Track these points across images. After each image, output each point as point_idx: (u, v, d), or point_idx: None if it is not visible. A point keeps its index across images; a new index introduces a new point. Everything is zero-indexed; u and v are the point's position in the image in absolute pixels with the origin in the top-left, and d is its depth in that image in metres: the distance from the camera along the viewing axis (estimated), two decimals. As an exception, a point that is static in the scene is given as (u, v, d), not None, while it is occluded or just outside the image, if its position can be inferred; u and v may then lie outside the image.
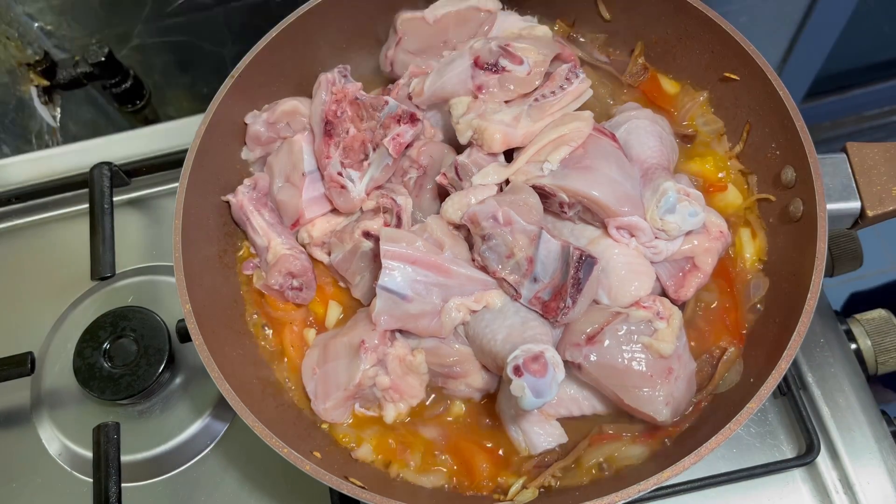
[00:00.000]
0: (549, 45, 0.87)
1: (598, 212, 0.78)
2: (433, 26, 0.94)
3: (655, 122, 0.87)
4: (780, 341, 0.73)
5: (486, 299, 0.78)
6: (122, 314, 1.00)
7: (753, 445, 0.92)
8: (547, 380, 0.68)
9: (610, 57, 0.99)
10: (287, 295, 0.88)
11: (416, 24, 0.95)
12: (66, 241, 1.13)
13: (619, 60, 0.99)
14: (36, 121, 1.37)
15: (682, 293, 0.82)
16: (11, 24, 1.34)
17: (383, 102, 0.85)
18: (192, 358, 1.01)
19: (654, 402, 0.74)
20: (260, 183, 0.92)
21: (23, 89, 1.35)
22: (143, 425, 0.98)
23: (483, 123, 0.82)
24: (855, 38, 2.00)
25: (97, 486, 0.86)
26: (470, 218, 0.78)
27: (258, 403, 0.78)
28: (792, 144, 0.81)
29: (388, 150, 0.84)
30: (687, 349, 0.78)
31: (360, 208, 0.88)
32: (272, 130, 0.93)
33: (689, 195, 0.78)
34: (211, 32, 1.50)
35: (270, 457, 0.73)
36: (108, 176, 1.03)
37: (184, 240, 0.82)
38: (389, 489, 0.78)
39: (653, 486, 0.68)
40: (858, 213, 0.82)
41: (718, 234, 0.81)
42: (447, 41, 0.95)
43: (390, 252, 0.77)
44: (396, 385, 0.81)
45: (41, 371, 1.01)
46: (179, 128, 1.20)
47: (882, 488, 0.89)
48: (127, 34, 1.48)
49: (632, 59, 0.96)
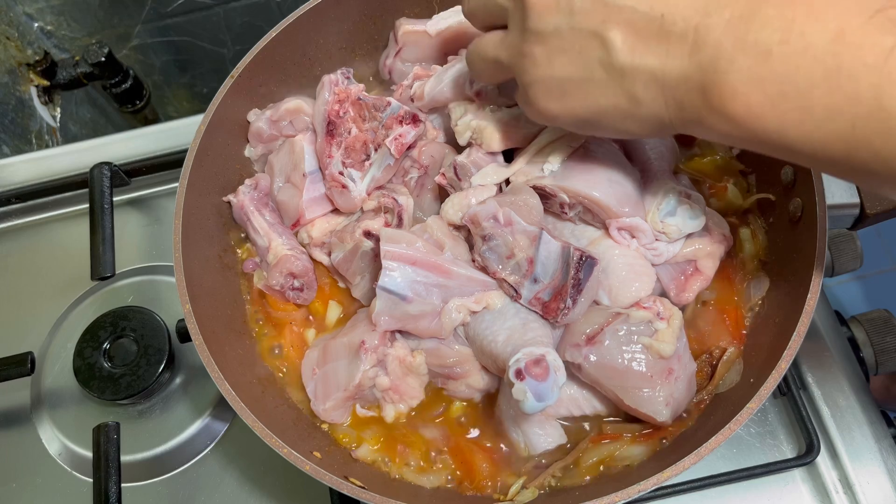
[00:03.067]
0: None
1: (598, 213, 0.78)
2: (434, 38, 0.94)
3: (655, 123, 0.87)
4: (780, 341, 0.73)
5: (486, 300, 0.78)
6: (122, 314, 1.00)
7: (753, 445, 0.92)
8: (548, 383, 0.68)
9: None
10: (288, 295, 0.89)
11: (417, 37, 0.95)
12: (66, 241, 1.13)
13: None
14: (36, 121, 1.37)
15: (683, 297, 0.82)
16: (11, 24, 1.34)
17: (386, 103, 0.85)
18: (192, 358, 1.01)
19: (654, 403, 0.74)
20: (261, 183, 0.92)
21: (23, 89, 1.35)
22: (143, 425, 0.98)
23: (482, 123, 0.82)
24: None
25: (97, 486, 0.86)
26: (471, 218, 0.78)
27: (258, 403, 0.78)
28: (792, 144, 0.81)
29: (390, 151, 0.84)
30: (687, 350, 0.78)
31: (360, 208, 0.88)
32: (274, 128, 0.93)
33: (689, 198, 0.78)
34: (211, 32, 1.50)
35: (270, 457, 0.73)
36: (108, 176, 1.03)
37: (184, 240, 0.82)
38: (389, 489, 0.78)
39: (653, 486, 0.68)
40: (858, 213, 0.82)
41: (721, 238, 0.81)
42: (447, 53, 0.95)
43: (390, 252, 0.77)
44: (396, 386, 0.81)
45: (41, 371, 1.01)
46: (179, 128, 1.20)
47: (882, 488, 0.89)
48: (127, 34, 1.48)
49: None
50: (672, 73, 0.56)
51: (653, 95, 0.58)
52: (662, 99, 0.58)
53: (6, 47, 1.32)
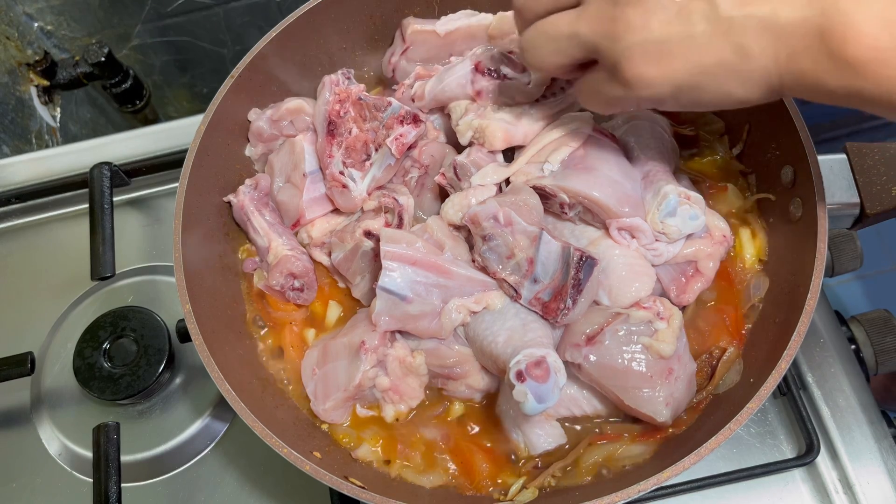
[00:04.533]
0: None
1: (598, 213, 0.78)
2: (442, 39, 0.95)
3: (656, 123, 0.87)
4: (780, 341, 0.73)
5: (486, 300, 0.78)
6: (122, 314, 1.00)
7: (753, 445, 0.92)
8: (549, 385, 0.68)
9: None
10: (288, 295, 0.89)
11: (425, 37, 0.95)
12: (66, 241, 1.13)
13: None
14: (36, 121, 1.37)
15: (684, 298, 0.82)
16: (11, 24, 1.34)
17: (387, 103, 0.85)
18: (192, 358, 1.01)
19: (654, 403, 0.74)
20: (261, 183, 0.92)
21: (23, 89, 1.35)
22: (143, 425, 0.98)
23: (484, 122, 0.82)
24: (855, 38, 1.99)
25: (97, 486, 0.86)
26: (471, 219, 0.78)
27: (258, 403, 0.78)
28: (792, 144, 0.81)
29: (391, 151, 0.84)
30: (687, 350, 0.78)
31: (361, 208, 0.88)
32: (275, 127, 0.93)
33: (689, 198, 0.78)
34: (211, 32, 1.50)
35: (270, 457, 0.73)
36: (108, 176, 1.03)
37: (184, 240, 0.82)
38: (389, 489, 0.78)
39: (653, 486, 0.68)
40: (858, 213, 0.82)
41: (722, 239, 0.81)
42: (453, 53, 0.95)
43: (390, 253, 0.77)
44: (396, 386, 0.81)
45: (41, 371, 1.01)
46: (179, 128, 1.20)
47: (882, 488, 0.89)
48: (127, 34, 1.48)
49: None
50: (787, 18, 0.52)
51: (762, 45, 0.54)
52: (773, 49, 0.54)
53: (6, 47, 1.32)
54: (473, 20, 0.95)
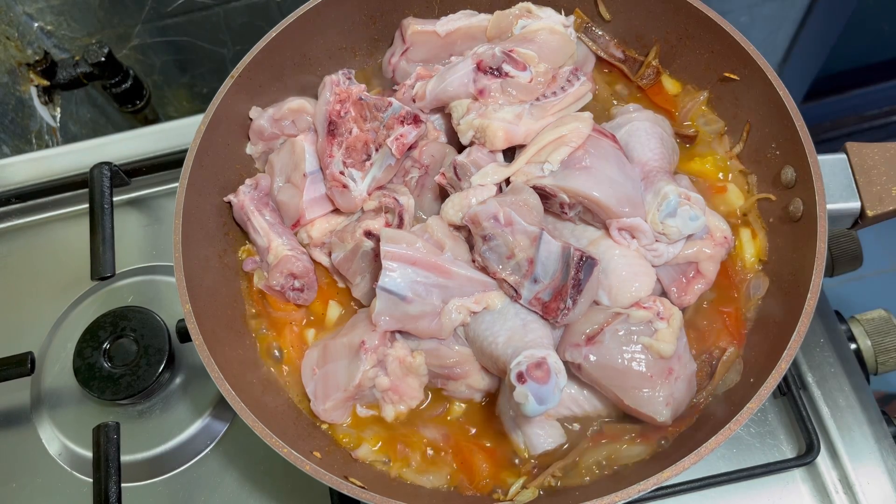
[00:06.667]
0: (556, 55, 0.87)
1: (598, 213, 0.78)
2: (442, 39, 0.95)
3: (656, 124, 0.87)
4: (780, 341, 0.73)
5: (486, 300, 0.78)
6: (122, 314, 1.00)
7: (753, 445, 0.92)
8: (550, 386, 0.68)
9: (626, 53, 0.98)
10: (288, 296, 0.88)
11: (426, 37, 0.95)
12: (66, 241, 1.13)
13: (629, 58, 0.99)
14: (36, 121, 1.37)
15: (685, 299, 0.82)
16: (11, 24, 1.34)
17: (387, 104, 0.85)
18: (192, 358, 1.01)
19: (654, 403, 0.74)
20: (261, 183, 0.92)
21: (22, 89, 1.35)
22: (143, 425, 0.98)
23: (485, 122, 0.82)
24: (855, 38, 2.00)
25: (97, 486, 0.86)
26: (471, 218, 0.78)
27: (258, 403, 0.78)
28: (792, 144, 0.81)
29: (391, 151, 0.84)
30: (687, 350, 0.78)
31: (361, 208, 0.88)
32: (276, 127, 0.93)
33: (689, 199, 0.78)
34: (211, 32, 1.50)
35: (270, 457, 0.73)
36: (108, 176, 1.03)
37: (184, 240, 0.82)
38: (389, 489, 0.78)
39: (653, 486, 0.68)
40: (858, 213, 0.82)
41: (722, 240, 0.81)
42: (453, 54, 0.95)
43: (390, 253, 0.77)
44: (396, 386, 0.81)
45: (41, 371, 1.01)
46: (179, 128, 1.20)
47: (882, 488, 0.89)
48: (127, 34, 1.48)
49: (646, 61, 0.96)
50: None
51: None
52: None
53: (6, 47, 1.32)
54: (473, 20, 0.95)
